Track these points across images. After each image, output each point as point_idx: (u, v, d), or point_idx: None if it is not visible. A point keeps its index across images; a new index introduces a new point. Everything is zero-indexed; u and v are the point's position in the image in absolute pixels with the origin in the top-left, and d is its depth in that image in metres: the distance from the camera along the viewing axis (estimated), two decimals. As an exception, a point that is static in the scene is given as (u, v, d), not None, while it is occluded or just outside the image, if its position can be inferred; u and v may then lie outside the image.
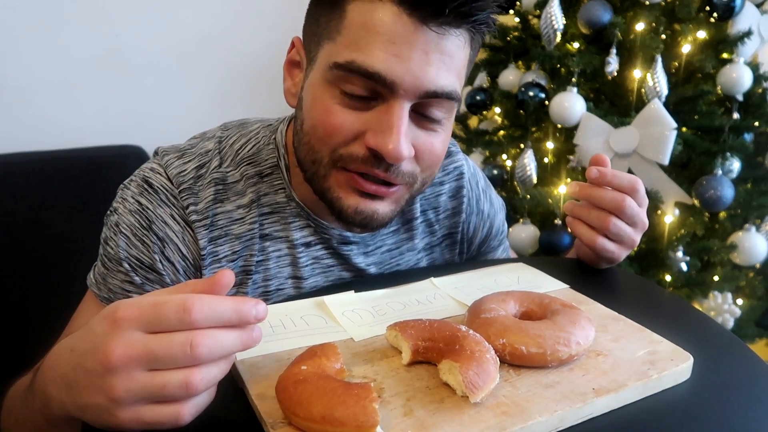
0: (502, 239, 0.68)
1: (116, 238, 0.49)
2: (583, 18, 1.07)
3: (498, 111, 1.26)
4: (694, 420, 0.35)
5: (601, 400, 0.34)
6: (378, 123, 0.42)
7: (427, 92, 0.42)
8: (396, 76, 0.41)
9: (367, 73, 0.41)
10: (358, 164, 0.44)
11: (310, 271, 0.53)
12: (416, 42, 0.40)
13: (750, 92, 1.07)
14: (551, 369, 0.37)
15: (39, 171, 0.93)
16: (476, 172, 0.63)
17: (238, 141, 0.52)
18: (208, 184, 0.49)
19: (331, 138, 0.44)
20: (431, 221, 0.59)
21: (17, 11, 1.06)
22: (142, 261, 0.48)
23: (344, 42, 0.42)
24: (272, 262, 0.52)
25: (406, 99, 0.42)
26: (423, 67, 0.41)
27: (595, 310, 0.45)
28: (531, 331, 0.37)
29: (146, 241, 0.48)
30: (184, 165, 0.50)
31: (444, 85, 0.42)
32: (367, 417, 0.30)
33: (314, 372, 0.33)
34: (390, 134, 0.41)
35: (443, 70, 0.42)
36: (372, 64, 0.41)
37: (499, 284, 0.50)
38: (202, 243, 0.48)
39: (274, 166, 0.51)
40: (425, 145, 0.45)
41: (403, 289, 0.49)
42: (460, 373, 0.33)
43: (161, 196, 0.49)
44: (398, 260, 0.58)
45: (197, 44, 1.24)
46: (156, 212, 0.48)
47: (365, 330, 0.42)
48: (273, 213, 0.51)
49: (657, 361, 0.38)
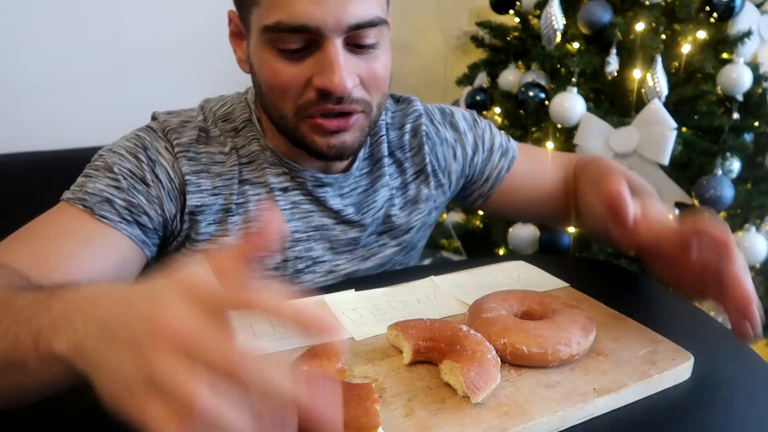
0: (504, 149, 0.66)
1: (107, 155, 0.51)
2: (583, 18, 1.07)
3: (498, 111, 1.26)
4: (695, 419, 0.35)
5: (602, 400, 0.34)
6: (319, 66, 0.47)
7: (350, 26, 0.45)
8: (319, 21, 0.44)
9: (294, 28, 0.45)
10: (315, 107, 0.48)
11: (290, 215, 0.57)
12: None
13: (750, 92, 1.07)
14: (552, 369, 0.37)
15: (39, 171, 0.93)
16: (432, 111, 0.65)
17: (217, 104, 0.58)
18: (192, 128, 0.55)
19: (286, 93, 0.48)
20: (401, 160, 0.62)
21: (17, 11, 1.06)
22: (133, 172, 0.51)
23: (267, 4, 0.46)
24: (252, 205, 0.55)
25: (335, 36, 0.45)
26: (341, 5, 0.44)
27: (595, 308, 0.45)
28: (532, 331, 0.37)
29: (140, 157, 0.51)
30: (170, 118, 0.56)
31: (364, 15, 0.46)
32: (369, 418, 0.30)
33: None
34: (331, 71, 0.46)
35: (360, 1, 0.45)
36: (295, 18, 0.44)
37: (500, 283, 0.50)
38: (185, 170, 0.52)
39: (247, 120, 0.56)
40: (367, 70, 0.49)
41: (404, 288, 0.50)
42: (462, 373, 0.33)
43: (158, 133, 0.54)
44: (374, 198, 0.60)
45: (197, 44, 1.24)
46: (152, 142, 0.53)
47: (366, 329, 0.42)
48: (251, 162, 0.56)
49: (658, 361, 0.38)
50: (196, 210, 0.53)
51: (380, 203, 0.60)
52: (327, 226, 0.58)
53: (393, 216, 0.61)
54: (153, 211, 0.51)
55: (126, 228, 0.49)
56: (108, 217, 0.48)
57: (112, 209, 0.49)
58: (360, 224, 0.59)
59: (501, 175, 0.66)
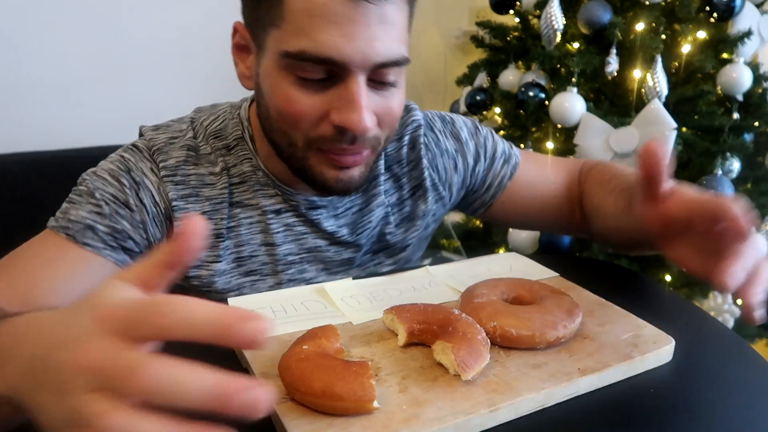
0: (506, 156, 0.64)
1: (90, 179, 0.50)
2: (583, 18, 1.09)
3: (498, 111, 1.27)
4: (675, 399, 0.36)
5: (585, 380, 0.36)
6: (339, 101, 0.45)
7: (376, 64, 0.44)
8: (346, 56, 0.42)
9: (318, 59, 0.43)
10: (329, 143, 0.47)
11: (283, 238, 0.55)
12: (358, 18, 0.42)
13: (750, 92, 1.08)
14: (539, 351, 0.39)
15: (39, 171, 0.92)
16: (433, 119, 0.63)
17: (208, 119, 0.55)
18: (180, 148, 0.53)
19: (299, 123, 0.46)
20: (398, 175, 0.60)
21: (17, 11, 1.06)
22: (116, 197, 0.49)
23: (290, 29, 0.43)
24: (243, 228, 0.54)
25: (360, 73, 0.44)
26: (369, 42, 0.43)
27: (583, 296, 0.47)
28: (520, 315, 0.39)
29: (123, 181, 0.50)
30: (157, 135, 0.54)
31: (391, 54, 0.44)
32: (365, 392, 0.32)
33: (315, 351, 0.35)
34: (354, 110, 0.44)
35: (387, 40, 0.44)
36: (321, 50, 0.42)
37: (492, 272, 0.52)
38: (171, 195, 0.51)
39: (239, 138, 0.54)
40: (384, 108, 0.47)
41: (400, 277, 0.51)
42: (453, 352, 0.35)
43: (144, 153, 0.52)
44: (369, 217, 0.58)
45: (197, 44, 1.24)
46: (137, 164, 0.51)
47: (363, 314, 0.44)
48: (242, 183, 0.54)
49: (640, 344, 0.39)
50: None
51: (375, 222, 0.59)
52: (321, 247, 0.57)
53: (388, 234, 0.60)
54: (138, 235, 0.50)
55: (111, 254, 0.48)
56: (91, 244, 0.47)
57: (95, 236, 0.48)
58: (355, 245, 0.58)
59: (503, 183, 0.63)
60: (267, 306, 0.45)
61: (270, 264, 0.56)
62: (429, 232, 0.65)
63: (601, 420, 0.34)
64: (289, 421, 0.31)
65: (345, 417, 0.32)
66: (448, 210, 0.66)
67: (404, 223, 0.61)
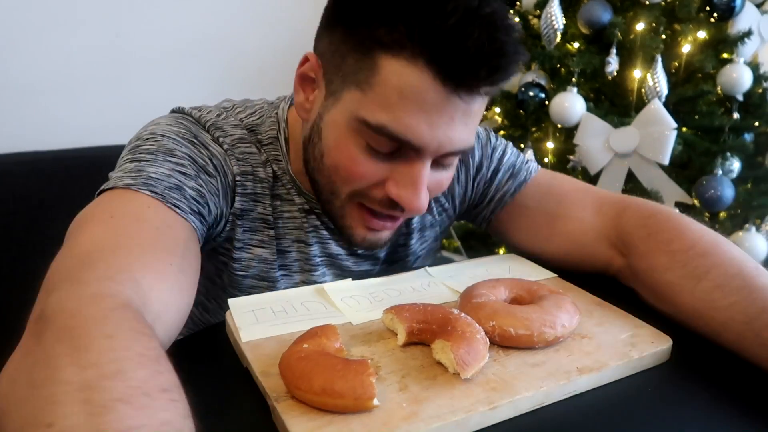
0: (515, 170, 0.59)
1: (159, 138, 0.45)
2: (583, 18, 1.09)
3: (498, 111, 1.27)
4: (672, 398, 0.36)
5: (584, 378, 0.36)
6: (401, 175, 0.44)
7: (448, 153, 0.44)
8: (424, 142, 0.42)
9: (397, 138, 0.42)
10: (376, 204, 0.46)
11: (312, 239, 0.55)
12: (445, 110, 0.41)
13: (750, 92, 1.07)
14: (538, 350, 0.39)
15: (39, 171, 0.91)
16: None
17: (244, 111, 0.54)
18: (234, 126, 0.50)
19: (354, 182, 0.46)
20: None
21: (18, 11, 1.06)
22: (194, 159, 0.45)
23: (376, 100, 0.42)
24: (281, 222, 0.53)
25: (428, 157, 0.44)
26: (448, 133, 0.42)
27: (581, 297, 0.47)
28: (519, 315, 0.39)
29: (196, 144, 0.46)
30: (203, 114, 0.51)
31: (464, 144, 0.44)
32: (365, 390, 0.32)
33: (315, 350, 0.35)
34: (413, 190, 0.44)
35: (465, 132, 0.43)
36: (402, 131, 0.42)
37: (491, 273, 0.52)
38: (235, 170, 0.49)
39: (274, 138, 0.52)
40: (436, 183, 0.48)
41: (399, 277, 0.52)
42: (452, 351, 0.35)
43: (199, 126, 0.49)
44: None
45: (197, 44, 1.24)
46: (198, 133, 0.48)
47: (363, 314, 0.44)
48: (277, 179, 0.53)
49: (638, 344, 0.40)
50: (239, 213, 0.50)
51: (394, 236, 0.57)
52: (341, 255, 0.56)
53: (401, 246, 0.60)
54: (212, 204, 0.46)
55: (195, 220, 0.44)
56: (179, 206, 0.42)
57: (182, 198, 0.43)
58: (374, 257, 0.58)
59: (505, 198, 0.59)
60: (267, 306, 0.45)
61: (300, 261, 0.55)
62: (438, 243, 0.65)
63: (598, 418, 0.35)
64: (289, 418, 0.32)
65: (345, 414, 0.32)
66: (452, 221, 0.64)
67: (415, 234, 0.61)
